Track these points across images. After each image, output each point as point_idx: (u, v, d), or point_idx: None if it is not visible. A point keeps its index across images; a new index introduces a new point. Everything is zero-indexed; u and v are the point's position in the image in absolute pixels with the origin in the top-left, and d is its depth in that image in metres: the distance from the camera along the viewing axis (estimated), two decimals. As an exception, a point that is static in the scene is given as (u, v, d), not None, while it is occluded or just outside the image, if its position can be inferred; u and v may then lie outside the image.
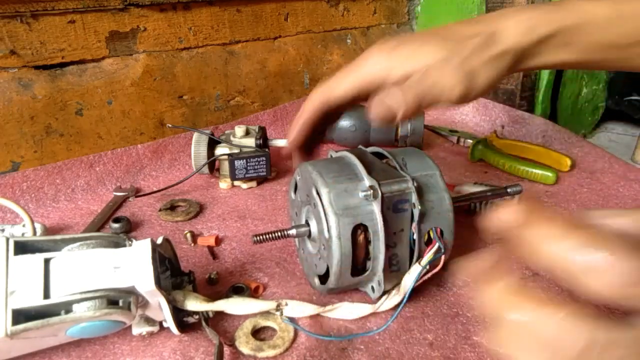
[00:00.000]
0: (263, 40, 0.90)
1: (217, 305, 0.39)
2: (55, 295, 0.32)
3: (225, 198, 0.66)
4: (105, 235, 0.37)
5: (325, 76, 1.04)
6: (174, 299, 0.38)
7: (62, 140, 0.69)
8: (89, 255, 0.34)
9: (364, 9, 1.07)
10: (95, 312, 0.32)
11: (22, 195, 0.62)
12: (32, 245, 0.35)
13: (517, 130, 0.85)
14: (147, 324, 0.40)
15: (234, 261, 0.51)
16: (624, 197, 0.64)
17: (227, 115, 0.88)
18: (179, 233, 0.57)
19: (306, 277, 0.48)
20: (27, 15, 0.62)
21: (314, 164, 0.43)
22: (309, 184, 0.42)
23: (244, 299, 0.40)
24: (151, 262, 0.34)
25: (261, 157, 0.66)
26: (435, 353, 0.39)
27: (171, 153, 0.76)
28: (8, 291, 0.31)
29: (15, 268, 0.32)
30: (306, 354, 0.39)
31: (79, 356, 0.39)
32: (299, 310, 0.41)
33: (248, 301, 0.40)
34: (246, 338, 0.40)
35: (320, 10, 0.98)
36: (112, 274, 0.34)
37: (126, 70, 0.73)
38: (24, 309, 0.31)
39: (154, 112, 0.78)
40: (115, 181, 0.69)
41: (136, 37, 0.73)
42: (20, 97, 0.64)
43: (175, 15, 0.77)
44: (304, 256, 0.48)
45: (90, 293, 0.33)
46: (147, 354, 0.39)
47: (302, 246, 0.48)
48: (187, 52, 0.80)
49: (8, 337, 0.30)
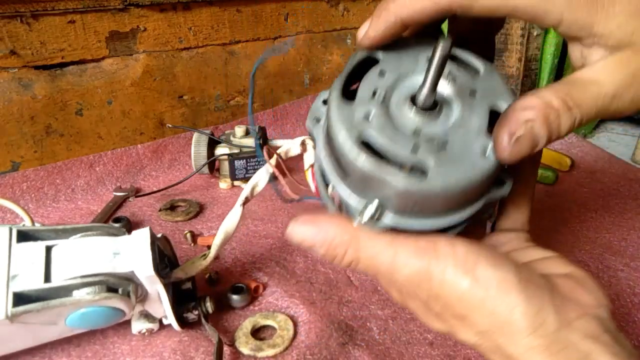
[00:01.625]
0: (263, 40, 0.90)
1: (215, 244, 0.40)
2: (56, 280, 0.33)
3: (225, 198, 0.66)
4: (106, 226, 0.38)
5: (325, 76, 1.04)
6: (176, 277, 0.39)
7: (62, 140, 0.69)
8: (90, 242, 0.35)
9: (364, 9, 1.07)
10: (94, 296, 0.33)
11: (22, 195, 0.62)
12: (34, 235, 0.36)
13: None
14: (146, 320, 0.40)
15: (234, 261, 0.51)
16: (624, 197, 0.64)
17: (227, 115, 0.88)
18: (179, 233, 0.57)
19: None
20: (27, 15, 0.62)
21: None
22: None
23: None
24: (150, 248, 0.35)
25: (261, 157, 0.66)
26: (436, 352, 0.39)
27: (171, 153, 0.76)
28: (10, 275, 0.32)
29: (18, 254, 0.33)
30: (306, 352, 0.39)
31: (79, 356, 0.39)
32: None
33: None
34: (246, 338, 0.40)
35: (320, 10, 0.98)
36: (111, 260, 0.34)
37: (126, 70, 0.73)
38: (25, 292, 0.32)
39: (154, 112, 0.78)
40: (115, 181, 0.69)
41: (136, 37, 0.73)
42: (20, 97, 0.64)
43: (175, 15, 0.77)
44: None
45: (90, 277, 0.33)
46: (147, 354, 0.39)
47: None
48: (187, 52, 0.80)
49: (8, 320, 0.31)
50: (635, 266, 0.50)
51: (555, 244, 0.53)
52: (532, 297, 0.24)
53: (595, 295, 0.26)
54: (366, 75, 0.28)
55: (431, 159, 0.25)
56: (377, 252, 0.26)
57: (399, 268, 0.26)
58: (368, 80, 0.28)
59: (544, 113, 0.23)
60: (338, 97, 0.27)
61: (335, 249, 0.26)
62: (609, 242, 0.54)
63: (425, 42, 0.29)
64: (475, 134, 0.26)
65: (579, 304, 0.25)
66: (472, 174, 0.25)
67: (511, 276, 0.25)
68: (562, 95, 0.24)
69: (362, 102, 0.27)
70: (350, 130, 0.26)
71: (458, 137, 0.26)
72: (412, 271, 0.25)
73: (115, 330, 0.41)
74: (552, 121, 0.24)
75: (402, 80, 0.28)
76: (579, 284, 0.27)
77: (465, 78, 0.28)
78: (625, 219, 0.59)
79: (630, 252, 0.52)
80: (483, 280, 0.25)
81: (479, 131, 0.26)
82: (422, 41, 0.29)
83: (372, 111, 0.27)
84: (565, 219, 0.59)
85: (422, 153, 0.25)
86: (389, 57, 0.29)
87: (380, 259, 0.26)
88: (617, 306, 0.44)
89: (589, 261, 0.51)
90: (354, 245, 0.26)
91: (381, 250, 0.26)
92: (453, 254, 0.25)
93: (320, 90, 1.07)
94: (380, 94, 0.27)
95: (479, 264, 0.25)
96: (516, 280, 0.25)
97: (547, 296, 0.25)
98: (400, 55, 0.29)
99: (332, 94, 0.28)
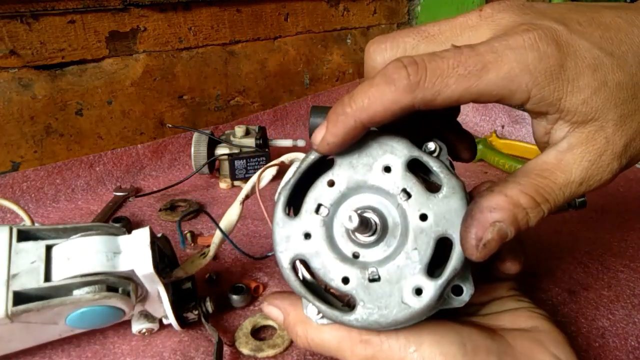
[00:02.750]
0: (263, 40, 0.90)
1: (214, 242, 0.40)
2: (56, 279, 0.33)
3: (225, 198, 0.66)
4: (106, 226, 0.38)
5: (325, 76, 1.04)
6: (176, 276, 0.39)
7: (62, 140, 0.69)
8: (90, 241, 0.35)
9: (364, 9, 1.07)
10: (94, 296, 0.33)
11: (22, 195, 0.62)
12: (35, 234, 0.36)
13: (517, 130, 0.85)
14: (146, 320, 0.40)
15: (234, 261, 0.51)
16: (624, 198, 0.64)
17: (227, 115, 0.88)
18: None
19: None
20: (27, 15, 0.62)
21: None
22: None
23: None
24: (150, 247, 0.35)
25: (261, 157, 0.66)
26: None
27: (171, 153, 0.76)
28: (10, 274, 0.32)
29: (18, 253, 0.33)
30: (306, 352, 0.39)
31: (79, 356, 0.39)
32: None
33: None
34: (246, 338, 0.40)
35: (320, 10, 0.98)
36: (112, 259, 0.34)
37: (126, 70, 0.73)
38: (25, 291, 0.32)
39: (154, 112, 0.78)
40: (115, 181, 0.69)
41: (136, 37, 0.73)
42: (20, 97, 0.64)
43: (175, 15, 0.77)
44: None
45: (90, 277, 0.33)
46: (147, 354, 0.39)
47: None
48: (187, 52, 0.80)
49: (9, 319, 0.31)
50: (635, 267, 0.50)
51: (555, 245, 0.53)
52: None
53: (555, 352, 0.27)
54: (314, 185, 0.28)
55: (359, 295, 0.25)
56: (323, 340, 0.28)
57: (346, 356, 0.27)
58: (315, 191, 0.28)
59: (512, 214, 0.23)
60: (281, 211, 0.28)
61: (290, 327, 0.29)
62: (609, 242, 0.54)
63: (384, 141, 0.27)
64: (412, 271, 0.25)
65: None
66: (398, 316, 0.25)
67: (455, 349, 0.26)
68: (530, 192, 0.23)
69: (305, 218, 0.27)
70: (287, 251, 0.27)
71: (393, 272, 0.25)
72: (359, 359, 0.27)
73: (115, 330, 0.41)
74: (521, 219, 0.23)
75: (351, 193, 0.27)
76: (537, 340, 0.28)
77: (420, 197, 0.26)
78: (625, 220, 0.59)
79: (630, 253, 0.52)
80: (428, 357, 0.26)
81: (416, 267, 0.25)
82: (381, 140, 0.27)
83: (312, 231, 0.27)
84: (565, 220, 0.59)
85: (351, 286, 0.26)
86: (343, 160, 0.27)
87: (327, 346, 0.28)
88: (617, 307, 0.44)
89: (588, 262, 0.51)
90: (302, 327, 0.29)
91: (327, 340, 0.28)
92: (396, 337, 0.26)
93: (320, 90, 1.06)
94: (324, 210, 0.27)
95: (423, 343, 0.26)
96: (461, 354, 0.26)
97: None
98: (356, 158, 0.27)
99: (276, 207, 0.28)
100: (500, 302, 0.32)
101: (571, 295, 0.46)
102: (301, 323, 0.29)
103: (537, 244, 0.53)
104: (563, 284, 0.47)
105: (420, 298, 0.25)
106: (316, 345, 0.28)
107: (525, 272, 0.48)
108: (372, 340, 0.27)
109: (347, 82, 1.08)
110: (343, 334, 0.27)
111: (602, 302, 0.44)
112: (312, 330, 0.28)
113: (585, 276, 0.48)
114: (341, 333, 0.27)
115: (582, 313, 0.43)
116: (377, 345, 0.26)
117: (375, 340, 0.27)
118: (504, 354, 0.26)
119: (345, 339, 0.27)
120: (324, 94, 1.01)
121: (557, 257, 0.51)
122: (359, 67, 1.11)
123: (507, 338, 0.28)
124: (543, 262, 0.50)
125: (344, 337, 0.27)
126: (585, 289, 0.46)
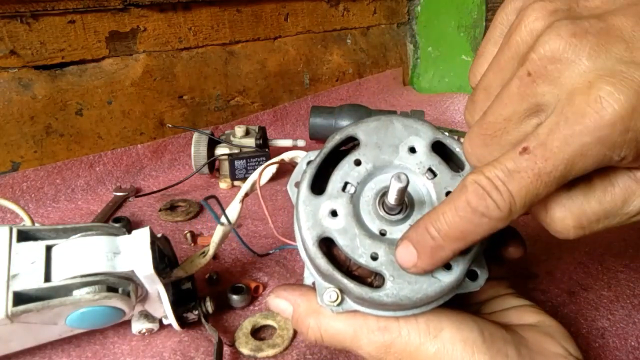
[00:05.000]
0: (263, 40, 0.90)
1: (214, 241, 0.40)
2: (56, 279, 0.33)
3: (225, 198, 0.66)
4: (106, 226, 0.38)
5: (325, 76, 1.04)
6: (176, 276, 0.39)
7: (62, 140, 0.69)
8: (90, 241, 0.35)
9: (364, 9, 1.07)
10: (94, 296, 0.33)
11: (22, 195, 0.62)
12: (34, 234, 0.36)
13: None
14: (146, 320, 0.40)
15: (234, 261, 0.51)
16: (624, 197, 0.64)
17: (227, 115, 0.88)
18: (179, 233, 0.57)
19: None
20: (27, 15, 0.62)
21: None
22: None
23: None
24: (150, 247, 0.35)
25: (261, 157, 0.66)
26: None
27: (171, 153, 0.76)
28: (10, 275, 0.32)
29: (18, 254, 0.33)
30: (306, 352, 0.39)
31: (79, 356, 0.39)
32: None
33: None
34: (246, 338, 0.40)
35: (320, 10, 0.98)
36: (112, 259, 0.34)
37: (126, 70, 0.73)
38: (25, 291, 0.32)
39: (154, 112, 0.78)
40: (115, 181, 0.69)
41: (136, 37, 0.73)
42: (20, 97, 0.64)
43: (175, 15, 0.77)
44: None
45: (90, 277, 0.33)
46: (147, 354, 0.39)
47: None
48: (187, 52, 0.80)
49: (9, 319, 0.31)
50: (635, 267, 0.50)
51: (555, 245, 0.53)
52: (496, 356, 0.25)
53: (564, 345, 0.27)
54: (341, 164, 0.28)
55: (388, 270, 0.25)
56: (338, 331, 0.27)
57: (362, 345, 0.27)
58: (341, 170, 0.27)
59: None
60: (306, 189, 0.27)
61: (301, 319, 0.28)
62: (608, 242, 0.54)
63: (409, 123, 0.28)
64: None
65: (546, 356, 0.26)
66: (428, 291, 0.25)
67: (474, 335, 0.26)
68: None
69: (331, 195, 0.27)
70: (313, 228, 0.26)
71: None
72: (375, 347, 0.27)
73: (115, 330, 0.41)
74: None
75: (377, 172, 0.27)
76: (547, 334, 0.28)
77: (445, 176, 0.27)
78: (625, 220, 0.59)
79: (630, 253, 0.52)
80: (448, 343, 0.26)
81: None
82: (406, 122, 0.28)
83: (339, 208, 0.26)
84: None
85: (380, 263, 0.25)
86: (369, 140, 0.28)
87: (341, 337, 0.27)
88: (617, 307, 0.44)
89: (588, 262, 0.51)
90: (314, 317, 0.28)
91: (342, 329, 0.27)
92: (416, 323, 0.26)
93: (320, 90, 1.07)
94: (351, 187, 0.27)
95: (444, 328, 0.26)
96: (480, 340, 0.26)
97: (513, 351, 0.26)
98: (382, 139, 0.28)
99: (301, 185, 0.27)
100: (501, 300, 0.32)
101: (571, 295, 0.46)
102: (314, 313, 0.28)
103: (537, 244, 0.53)
104: (563, 285, 0.47)
105: (450, 272, 0.25)
106: (329, 337, 0.28)
107: (525, 272, 0.48)
108: (390, 327, 0.26)
109: (347, 82, 1.08)
110: (359, 322, 0.27)
111: (601, 303, 0.44)
112: (326, 321, 0.27)
113: (585, 276, 0.48)
114: (357, 321, 0.27)
115: (581, 313, 0.43)
116: (395, 331, 0.26)
117: (393, 326, 0.26)
118: (519, 344, 0.26)
119: (362, 326, 0.27)
120: (323, 94, 1.01)
121: (556, 257, 0.51)
122: (359, 67, 1.11)
123: (518, 331, 0.28)
124: (543, 262, 0.50)
125: (360, 325, 0.27)
126: (585, 290, 0.46)
